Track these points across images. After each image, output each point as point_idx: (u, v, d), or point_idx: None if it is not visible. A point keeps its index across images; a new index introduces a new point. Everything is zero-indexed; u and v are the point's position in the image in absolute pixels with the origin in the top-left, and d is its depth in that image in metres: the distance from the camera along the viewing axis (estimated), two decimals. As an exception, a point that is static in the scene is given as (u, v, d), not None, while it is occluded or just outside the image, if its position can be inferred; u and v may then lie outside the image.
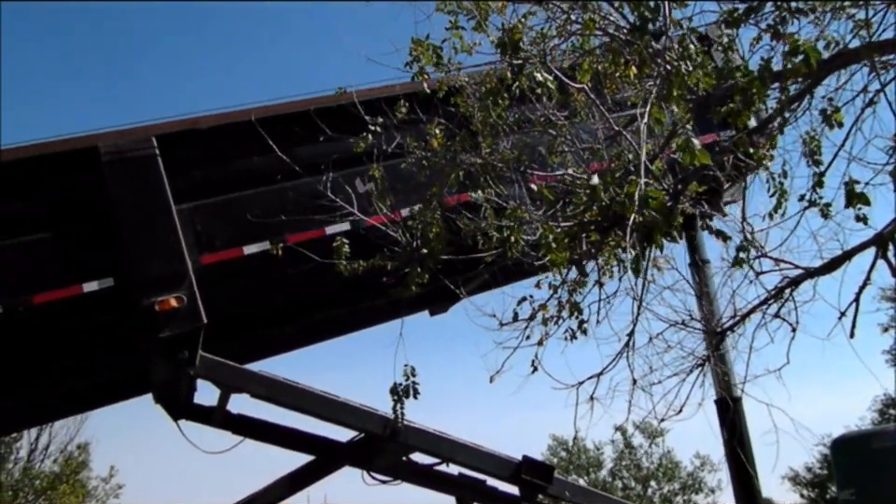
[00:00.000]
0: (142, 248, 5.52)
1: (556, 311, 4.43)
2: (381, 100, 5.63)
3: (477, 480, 7.64)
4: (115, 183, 5.58)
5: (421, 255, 4.37)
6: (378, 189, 4.76)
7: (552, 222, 3.64)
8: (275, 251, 5.19)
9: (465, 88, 4.71)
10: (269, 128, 6.14)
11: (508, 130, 4.53)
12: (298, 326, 6.92)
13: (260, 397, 6.16)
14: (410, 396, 4.67)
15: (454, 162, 4.61)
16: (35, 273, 5.40)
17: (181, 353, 5.50)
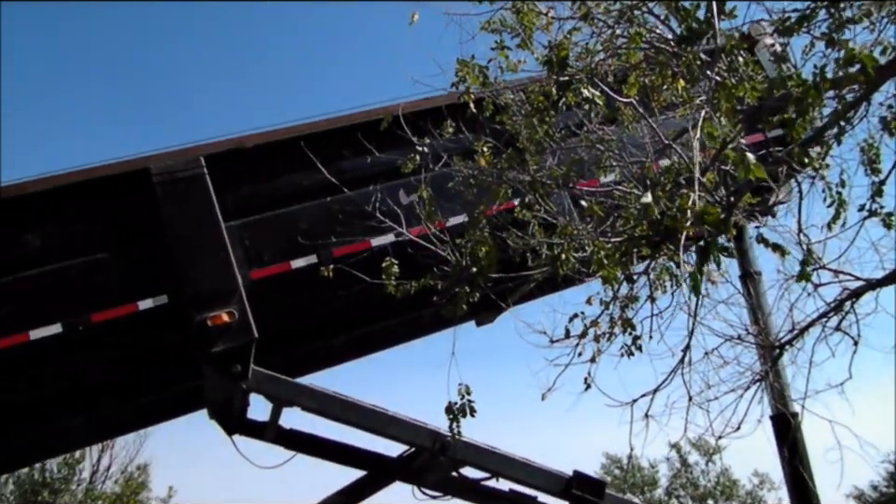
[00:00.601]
0: (193, 265, 5.64)
1: (609, 327, 4.35)
2: (424, 112, 5.68)
3: (528, 496, 7.55)
4: (166, 202, 5.72)
5: (471, 274, 4.33)
6: (426, 209, 4.70)
7: (601, 238, 3.59)
8: (327, 273, 5.22)
9: (510, 106, 4.68)
10: (313, 144, 6.24)
11: (554, 146, 4.48)
12: (346, 338, 6.96)
13: (311, 410, 6.21)
14: (466, 415, 4.62)
15: (500, 180, 4.56)
16: (92, 292, 5.56)
17: (234, 367, 5.59)
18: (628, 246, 3.56)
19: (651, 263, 4.11)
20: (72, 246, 5.65)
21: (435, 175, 5.75)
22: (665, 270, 4.22)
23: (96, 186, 5.75)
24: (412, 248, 5.20)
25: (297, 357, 6.94)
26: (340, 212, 6.14)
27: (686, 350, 3.96)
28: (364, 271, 5.87)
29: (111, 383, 5.92)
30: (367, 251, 6.05)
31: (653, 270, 4.19)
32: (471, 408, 4.62)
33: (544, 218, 4.63)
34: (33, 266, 5.55)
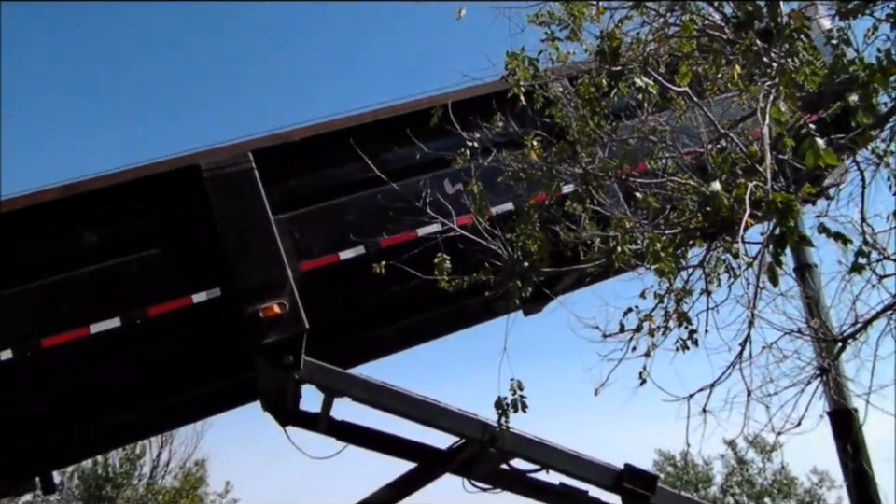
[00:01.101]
0: (244, 258, 5.73)
1: (663, 321, 4.27)
2: (472, 103, 5.65)
3: (579, 490, 7.49)
4: (216, 197, 5.83)
5: (523, 268, 4.29)
6: (476, 203, 4.67)
7: (656, 231, 3.52)
8: (379, 270, 5.21)
9: (560, 98, 4.61)
10: (359, 136, 6.30)
11: (606, 138, 4.40)
12: (396, 327, 6.99)
13: (362, 400, 6.26)
14: (517, 409, 4.58)
15: (550, 174, 4.51)
16: (148, 287, 5.69)
17: (286, 357, 5.67)
18: (683, 238, 3.48)
19: (706, 256, 4.03)
20: (127, 243, 5.79)
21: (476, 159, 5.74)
22: (720, 262, 4.11)
23: (148, 183, 5.87)
24: (458, 238, 5.19)
25: (347, 348, 7.02)
26: (386, 203, 6.15)
27: (745, 343, 3.84)
28: (411, 260, 5.92)
29: (168, 375, 6.04)
30: (414, 241, 6.06)
31: (708, 263, 4.08)
32: (523, 403, 4.58)
33: (596, 211, 4.56)
34: (91, 263, 5.70)
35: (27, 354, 5.41)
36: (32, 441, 6.12)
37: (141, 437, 8.38)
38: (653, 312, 4.32)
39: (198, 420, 8.21)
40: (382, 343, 7.48)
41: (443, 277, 4.76)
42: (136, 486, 21.92)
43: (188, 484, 22.32)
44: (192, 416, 7.88)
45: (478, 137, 4.99)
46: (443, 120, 6.51)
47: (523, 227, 4.54)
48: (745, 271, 3.73)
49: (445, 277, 4.76)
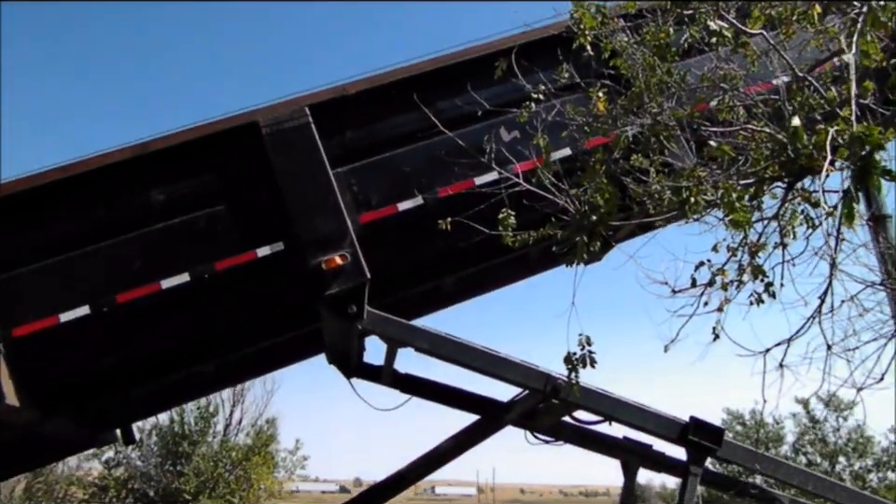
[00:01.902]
0: (305, 212, 5.82)
1: (737, 275, 4.14)
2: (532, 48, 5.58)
3: (644, 444, 7.42)
4: (275, 153, 5.91)
5: (591, 222, 4.22)
6: (543, 157, 4.64)
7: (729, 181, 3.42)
8: (445, 226, 5.19)
9: (626, 48, 4.49)
10: (414, 86, 6.29)
11: (676, 87, 4.27)
12: (456, 278, 7.02)
13: (424, 350, 6.33)
14: (586, 365, 4.53)
15: (615, 126, 4.41)
16: (215, 243, 5.84)
17: (349, 308, 5.77)
18: (759, 188, 3.36)
19: (781, 206, 3.89)
20: (193, 200, 5.94)
21: (538, 112, 5.67)
22: (795, 214, 3.97)
23: (211, 141, 5.99)
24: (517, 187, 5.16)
25: (409, 300, 7.10)
26: (443, 152, 6.16)
27: (825, 296, 3.68)
28: (470, 210, 5.92)
29: (236, 328, 6.22)
30: (472, 190, 6.05)
31: (783, 216, 3.94)
32: (591, 359, 4.52)
33: (665, 162, 4.45)
34: (159, 220, 5.88)
35: (103, 309, 5.64)
36: (111, 394, 6.42)
37: (213, 390, 8.67)
38: (726, 265, 4.20)
39: (267, 372, 8.44)
40: (444, 294, 7.54)
41: (508, 233, 4.69)
42: (211, 443, 22.90)
43: (259, 442, 23.20)
44: (261, 369, 8.11)
45: (542, 88, 4.88)
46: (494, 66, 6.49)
47: (588, 180, 4.44)
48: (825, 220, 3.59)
49: (510, 233, 4.69)
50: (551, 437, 7.65)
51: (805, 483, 7.06)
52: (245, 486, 23.02)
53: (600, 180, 4.32)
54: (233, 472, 22.78)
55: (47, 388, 5.89)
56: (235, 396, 24.82)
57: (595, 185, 4.32)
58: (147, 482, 21.82)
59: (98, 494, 22.08)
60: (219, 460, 22.59)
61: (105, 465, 22.24)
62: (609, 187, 4.28)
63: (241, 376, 8.39)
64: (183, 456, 21.82)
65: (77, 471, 23.97)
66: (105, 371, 6.07)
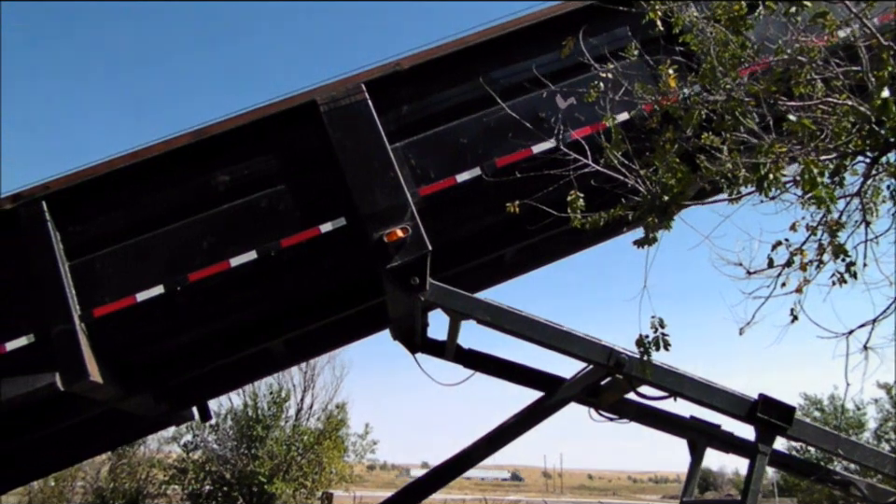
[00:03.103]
0: (365, 187, 5.91)
1: (816, 254, 4.00)
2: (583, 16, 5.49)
3: (711, 424, 7.29)
4: (334, 130, 6.01)
5: (663, 202, 4.14)
6: (613, 137, 4.54)
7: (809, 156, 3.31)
8: (513, 210, 5.13)
9: (696, 24, 4.39)
10: (466, 59, 6.31)
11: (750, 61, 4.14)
12: (516, 249, 7.02)
13: (485, 323, 6.35)
14: (659, 348, 4.45)
15: (685, 103, 4.30)
16: (279, 220, 5.98)
17: (412, 279, 5.85)
18: (840, 163, 3.24)
19: (865, 182, 3.74)
20: (255, 181, 6.09)
21: (588, 78, 5.60)
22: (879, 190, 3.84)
23: (271, 122, 6.12)
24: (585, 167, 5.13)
25: (471, 272, 7.14)
26: (499, 123, 6.17)
27: None
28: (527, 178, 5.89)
29: (303, 304, 6.38)
30: (529, 158, 6.04)
31: (865, 193, 3.79)
32: (665, 341, 4.43)
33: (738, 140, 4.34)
34: (225, 202, 6.05)
35: (177, 288, 5.85)
36: (186, 371, 6.68)
37: (281, 367, 8.88)
38: (805, 245, 4.05)
39: (333, 349, 8.62)
40: (505, 266, 7.55)
41: (577, 215, 4.63)
42: (283, 427, 23.48)
43: (330, 426, 23.70)
44: (328, 345, 8.30)
45: (611, 67, 4.80)
46: (554, 38, 6.43)
47: (659, 160, 4.33)
48: None
49: (578, 215, 4.63)
50: (615, 415, 7.58)
51: (881, 465, 6.76)
52: (317, 470, 23.56)
53: (672, 159, 4.23)
54: (305, 456, 23.34)
55: (126, 366, 6.17)
56: (306, 381, 25.45)
57: (667, 164, 4.23)
58: (224, 464, 22.57)
59: (177, 475, 22.98)
60: (292, 444, 23.17)
61: (183, 448, 23.14)
62: (682, 166, 4.19)
63: (308, 353, 8.58)
64: (257, 440, 22.47)
65: (158, 454, 24.97)
66: (180, 348, 6.32)
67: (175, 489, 23.83)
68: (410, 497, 7.42)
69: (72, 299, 5.80)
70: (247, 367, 7.59)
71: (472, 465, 7.57)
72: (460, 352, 8.09)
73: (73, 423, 6.95)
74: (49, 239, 5.89)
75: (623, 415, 7.58)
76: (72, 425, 7.06)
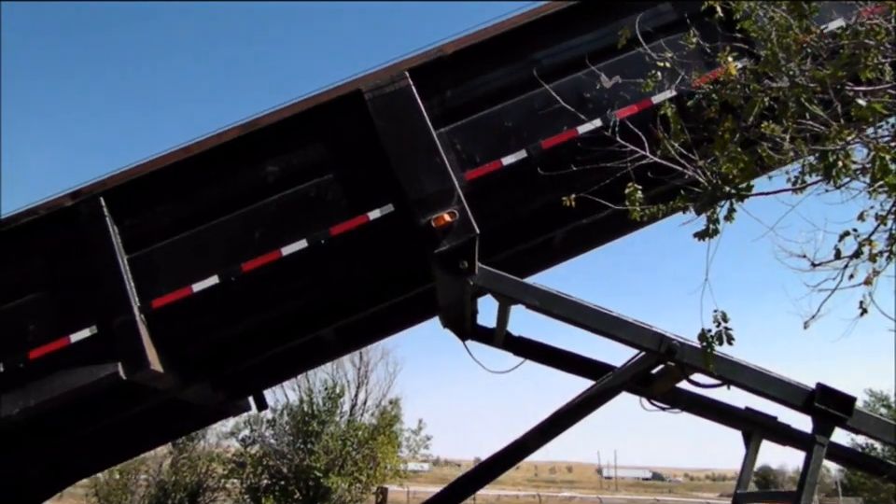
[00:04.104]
0: (412, 173, 5.94)
1: (887, 244, 3.85)
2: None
3: (767, 416, 7.12)
4: (379, 118, 6.06)
5: (726, 194, 4.04)
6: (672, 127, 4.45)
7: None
8: (569, 203, 5.08)
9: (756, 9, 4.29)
10: (508, 41, 6.29)
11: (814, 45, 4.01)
12: (565, 231, 6.96)
13: (535, 308, 6.31)
14: (722, 342, 4.33)
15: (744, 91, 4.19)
16: (328, 209, 6.05)
17: (461, 263, 5.87)
18: None
19: None
20: (304, 171, 6.16)
21: (633, 56, 5.53)
22: None
23: (317, 112, 6.19)
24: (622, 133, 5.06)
25: (520, 257, 7.12)
26: (543, 105, 6.13)
27: None
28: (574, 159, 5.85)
29: (354, 291, 6.45)
30: (575, 139, 5.99)
31: None
32: (728, 335, 4.31)
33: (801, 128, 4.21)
34: (274, 192, 6.15)
35: (231, 278, 5.98)
36: (241, 360, 6.82)
37: (334, 356, 9.01)
38: (873, 235, 3.88)
39: (384, 336, 8.64)
40: (553, 250, 7.51)
41: (636, 208, 4.55)
42: (338, 423, 23.79)
43: (384, 422, 23.92)
44: (379, 333, 8.36)
45: (669, 56, 4.71)
46: (596, 16, 6.36)
47: (719, 150, 4.22)
48: None
49: (637, 208, 4.54)
50: (667, 404, 7.45)
51: None
52: (372, 465, 23.80)
53: (733, 149, 4.13)
54: (360, 451, 23.61)
55: (184, 356, 6.33)
56: (360, 377, 25.77)
57: (728, 154, 4.13)
58: (281, 458, 22.99)
59: (236, 469, 23.52)
60: (347, 439, 23.46)
61: (241, 443, 23.67)
62: (744, 155, 4.08)
63: (360, 341, 8.67)
64: (313, 435, 22.82)
65: (217, 448, 25.58)
66: (235, 337, 6.46)
67: (233, 483, 24.39)
68: (462, 489, 7.35)
69: (131, 291, 5.97)
70: (301, 356, 7.72)
71: (525, 456, 7.44)
72: (510, 339, 8.07)
73: (135, 413, 7.17)
74: (107, 234, 6.07)
75: (676, 405, 7.44)
76: (133, 416, 7.29)
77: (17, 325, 6.03)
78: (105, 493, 23.35)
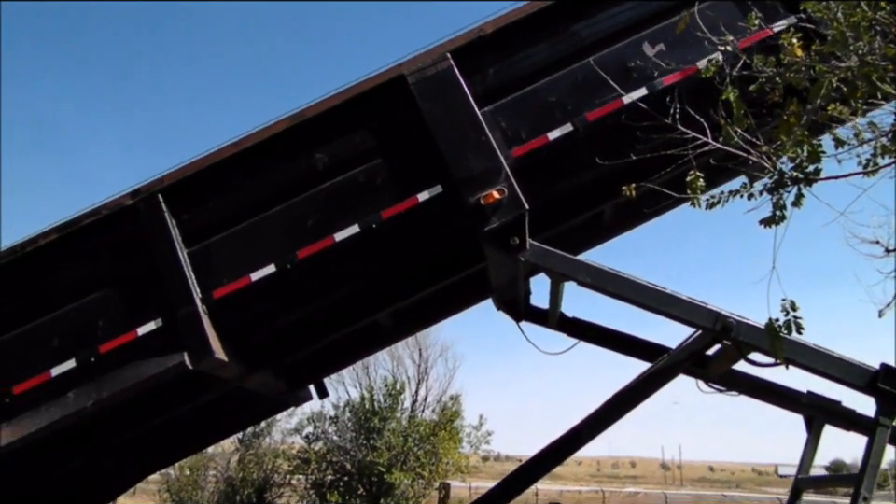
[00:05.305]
0: (458, 153, 5.97)
1: None
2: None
3: (830, 400, 6.91)
4: (423, 100, 6.11)
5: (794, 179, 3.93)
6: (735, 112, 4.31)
7: None
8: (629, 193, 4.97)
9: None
10: (548, 17, 6.28)
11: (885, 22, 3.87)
12: (614, 205, 6.89)
13: (587, 285, 6.28)
14: (791, 331, 4.17)
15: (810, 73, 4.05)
16: (377, 194, 6.13)
17: (511, 240, 5.88)
18: None
19: None
20: (352, 158, 6.25)
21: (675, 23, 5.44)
22: None
23: (362, 99, 6.28)
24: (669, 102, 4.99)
25: (570, 233, 7.08)
26: (586, 77, 6.11)
27: None
28: (620, 129, 5.81)
29: (407, 273, 6.49)
30: (620, 110, 5.94)
31: None
32: (798, 324, 4.14)
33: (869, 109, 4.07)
34: (325, 180, 6.25)
35: (287, 266, 6.10)
36: (301, 347, 6.96)
37: (391, 341, 9.04)
38: None
39: (439, 320, 8.69)
40: (604, 226, 7.45)
41: (697, 195, 4.42)
42: (400, 419, 24.00)
43: (444, 418, 24.05)
44: (434, 316, 8.42)
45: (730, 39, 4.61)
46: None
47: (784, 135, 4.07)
48: None
49: (699, 195, 4.42)
50: (724, 387, 7.29)
51: None
52: (433, 460, 23.93)
53: (801, 133, 4.00)
54: (422, 447, 23.75)
55: (245, 345, 6.49)
56: (420, 374, 25.98)
57: (795, 139, 4.00)
58: (344, 455, 23.32)
59: (301, 465, 23.95)
60: (408, 435, 23.63)
61: (305, 439, 24.10)
62: (812, 139, 3.96)
63: (416, 325, 8.69)
64: (375, 431, 23.07)
65: (282, 445, 26.10)
66: (293, 324, 6.58)
67: (299, 478, 24.85)
68: (518, 483, 7.13)
69: (192, 283, 6.15)
70: (358, 342, 7.84)
71: (581, 445, 7.17)
72: (564, 320, 8.03)
73: (201, 406, 7.39)
74: (167, 229, 6.27)
75: (734, 387, 7.29)
76: (200, 409, 7.51)
77: (87, 321, 6.27)
78: (177, 489, 24.08)
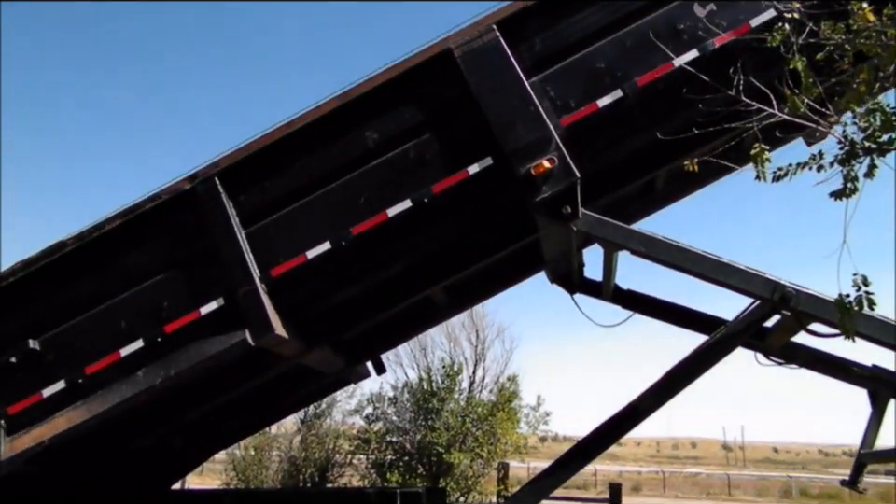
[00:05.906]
0: (507, 124, 5.96)
1: None
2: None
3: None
4: (470, 73, 6.10)
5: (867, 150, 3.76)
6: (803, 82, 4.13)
7: None
8: (692, 168, 4.88)
9: None
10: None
11: None
12: (667, 174, 6.80)
13: (640, 254, 6.22)
14: (863, 307, 3.96)
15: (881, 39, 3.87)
16: (427, 168, 6.17)
17: (563, 208, 5.86)
18: None
19: None
20: (401, 134, 6.29)
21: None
22: None
23: (409, 75, 6.30)
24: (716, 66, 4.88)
25: (622, 203, 7.02)
26: (635, 42, 6.01)
27: None
28: (672, 93, 5.71)
29: (459, 247, 6.55)
30: (671, 73, 5.84)
31: None
32: (870, 300, 3.92)
33: None
34: (376, 157, 6.31)
35: (342, 243, 6.21)
36: (357, 323, 7.08)
37: (446, 316, 9.07)
38: None
39: (493, 294, 8.67)
40: (657, 194, 7.36)
41: (763, 168, 4.22)
42: (458, 400, 24.18)
43: (502, 398, 24.09)
44: (488, 290, 8.46)
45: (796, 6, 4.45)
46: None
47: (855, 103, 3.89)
48: None
49: (764, 168, 4.21)
50: (783, 360, 7.14)
51: None
52: (492, 440, 24.01)
53: (874, 102, 3.84)
54: (480, 427, 23.84)
55: (303, 322, 6.65)
56: (477, 355, 26.02)
57: (867, 108, 3.84)
58: (403, 435, 23.59)
59: (362, 446, 24.35)
60: (466, 416, 23.73)
61: (365, 420, 24.45)
62: (886, 107, 3.76)
63: (470, 300, 8.74)
64: (433, 412, 23.24)
65: (343, 426, 26.54)
66: (350, 300, 6.71)
67: (360, 458, 25.26)
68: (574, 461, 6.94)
69: (251, 262, 6.31)
70: (413, 318, 7.93)
71: (639, 421, 6.91)
72: (618, 292, 7.98)
73: (263, 385, 7.60)
74: (225, 211, 6.43)
75: (794, 361, 7.13)
76: (262, 387, 7.73)
77: (152, 303, 6.50)
78: (242, 468, 24.72)
